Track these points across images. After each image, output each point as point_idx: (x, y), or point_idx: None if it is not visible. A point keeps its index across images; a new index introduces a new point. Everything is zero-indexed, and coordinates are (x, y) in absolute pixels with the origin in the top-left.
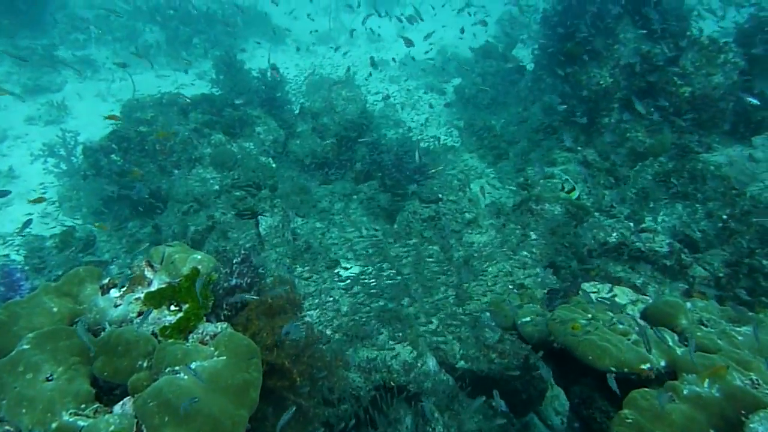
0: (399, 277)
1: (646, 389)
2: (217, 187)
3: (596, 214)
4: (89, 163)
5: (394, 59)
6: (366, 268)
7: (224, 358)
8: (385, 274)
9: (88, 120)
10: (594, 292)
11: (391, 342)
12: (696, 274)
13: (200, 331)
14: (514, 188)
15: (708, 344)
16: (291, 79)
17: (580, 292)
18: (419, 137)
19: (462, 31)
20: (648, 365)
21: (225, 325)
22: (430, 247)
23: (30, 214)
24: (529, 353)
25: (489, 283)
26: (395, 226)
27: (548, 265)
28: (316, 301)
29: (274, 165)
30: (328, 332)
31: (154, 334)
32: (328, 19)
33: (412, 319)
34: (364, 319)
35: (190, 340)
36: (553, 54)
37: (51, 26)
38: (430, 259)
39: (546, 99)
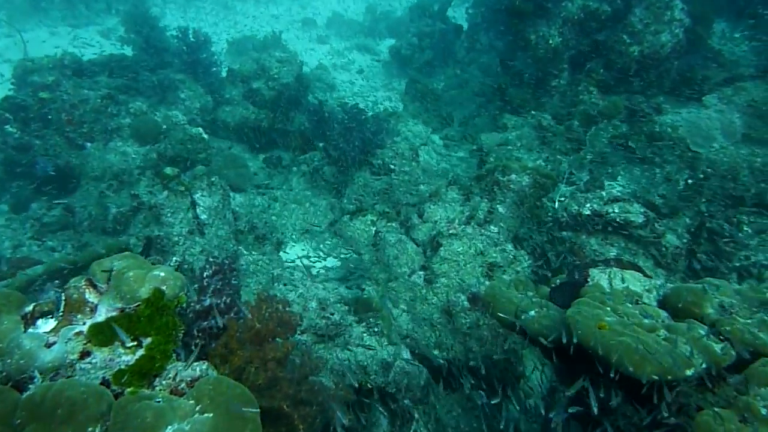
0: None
1: (716, 410)
2: (140, 162)
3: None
4: None
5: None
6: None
7: (210, 415)
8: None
9: None
10: (605, 280)
11: (365, 337)
12: (669, 244)
13: (171, 375)
14: (464, 155)
15: (748, 339)
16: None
17: (589, 280)
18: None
19: None
20: (693, 370)
21: (205, 365)
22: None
23: None
24: (507, 338)
25: (461, 263)
26: (344, 200)
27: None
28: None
29: (205, 136)
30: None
31: (105, 382)
32: None
33: (382, 307)
34: (334, 314)
35: (158, 388)
36: (499, 11)
37: None
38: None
39: (484, 60)
